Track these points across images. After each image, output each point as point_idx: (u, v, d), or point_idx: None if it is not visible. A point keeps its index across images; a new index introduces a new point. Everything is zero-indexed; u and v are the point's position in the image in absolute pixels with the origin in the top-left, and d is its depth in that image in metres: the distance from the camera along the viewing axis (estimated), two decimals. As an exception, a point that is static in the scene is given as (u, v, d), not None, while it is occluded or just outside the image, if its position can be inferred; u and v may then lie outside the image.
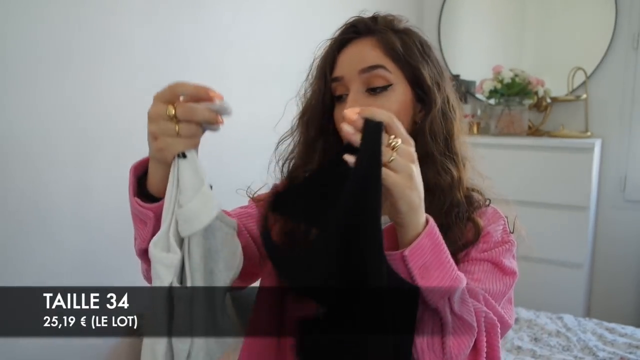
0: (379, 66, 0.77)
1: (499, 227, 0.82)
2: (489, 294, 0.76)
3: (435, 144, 0.79)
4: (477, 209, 0.82)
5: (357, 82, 0.77)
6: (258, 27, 1.74)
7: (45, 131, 1.14)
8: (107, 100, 1.27)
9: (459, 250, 0.77)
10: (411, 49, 0.79)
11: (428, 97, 0.80)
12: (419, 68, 0.79)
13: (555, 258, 2.21)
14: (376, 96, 0.77)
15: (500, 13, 2.77)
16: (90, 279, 1.27)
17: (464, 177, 0.82)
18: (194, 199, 0.59)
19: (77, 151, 1.22)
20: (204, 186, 0.60)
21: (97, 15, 1.23)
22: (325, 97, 0.81)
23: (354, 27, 0.81)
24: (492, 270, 0.78)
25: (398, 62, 0.78)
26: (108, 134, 1.28)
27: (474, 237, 0.78)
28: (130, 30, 1.31)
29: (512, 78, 2.40)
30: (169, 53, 1.43)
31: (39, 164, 1.14)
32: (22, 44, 1.08)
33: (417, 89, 0.80)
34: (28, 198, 1.13)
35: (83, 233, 1.25)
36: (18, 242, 1.11)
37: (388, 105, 0.76)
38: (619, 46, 2.43)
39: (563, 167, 2.22)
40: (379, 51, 0.78)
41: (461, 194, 0.80)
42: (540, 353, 1.57)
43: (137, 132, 1.35)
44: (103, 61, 1.25)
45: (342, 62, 0.80)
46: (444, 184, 0.78)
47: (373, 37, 0.79)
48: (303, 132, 0.85)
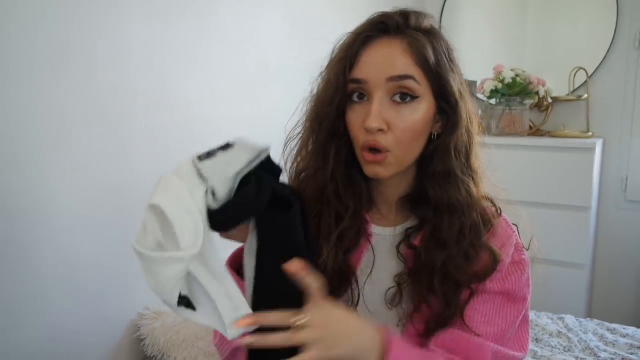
0: (409, 77, 0.71)
1: (510, 249, 0.79)
2: (501, 332, 0.75)
3: (458, 161, 0.76)
4: (490, 225, 0.79)
5: (382, 90, 0.72)
6: (258, 27, 1.73)
7: (44, 131, 1.14)
8: (107, 100, 1.27)
9: (474, 281, 0.75)
10: (441, 58, 0.74)
11: (454, 112, 0.75)
12: (448, 81, 0.74)
13: (556, 258, 2.20)
14: (401, 106, 0.72)
15: (501, 13, 2.76)
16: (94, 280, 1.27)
17: (480, 194, 0.79)
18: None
19: (78, 151, 1.21)
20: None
21: (96, 15, 1.23)
22: (341, 97, 0.75)
23: (382, 23, 0.74)
24: (503, 304, 0.76)
25: (428, 74, 0.73)
26: (108, 134, 1.28)
27: (490, 268, 0.75)
28: (130, 30, 1.31)
29: (513, 78, 2.39)
30: (169, 53, 1.42)
31: (39, 163, 1.14)
32: (22, 43, 1.08)
33: (442, 102, 0.75)
34: (28, 198, 1.12)
35: (85, 234, 1.24)
36: (18, 243, 1.11)
37: (411, 118, 0.72)
38: (620, 46, 2.42)
39: (564, 167, 2.22)
40: (409, 58, 0.72)
41: (477, 213, 0.77)
42: (541, 353, 1.57)
43: (137, 132, 1.35)
44: (103, 61, 1.25)
45: (366, 63, 0.73)
46: (464, 203, 0.76)
47: (404, 39, 0.73)
48: (314, 133, 0.80)
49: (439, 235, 0.75)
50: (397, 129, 0.72)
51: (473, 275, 0.75)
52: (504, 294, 0.77)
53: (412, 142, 0.75)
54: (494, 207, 0.82)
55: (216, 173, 0.60)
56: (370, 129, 0.72)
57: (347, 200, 0.78)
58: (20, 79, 1.09)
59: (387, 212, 0.83)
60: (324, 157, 0.78)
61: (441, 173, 0.76)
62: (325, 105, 0.77)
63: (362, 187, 0.80)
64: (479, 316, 0.75)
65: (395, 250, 0.80)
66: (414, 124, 0.73)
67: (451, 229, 0.75)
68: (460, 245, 0.74)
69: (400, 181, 0.80)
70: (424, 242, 0.77)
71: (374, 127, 0.71)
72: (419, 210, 0.79)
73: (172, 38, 1.43)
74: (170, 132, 1.44)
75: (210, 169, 0.60)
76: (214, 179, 0.59)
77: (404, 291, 0.77)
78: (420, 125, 0.74)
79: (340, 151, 0.78)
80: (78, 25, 1.19)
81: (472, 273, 0.75)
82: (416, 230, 0.79)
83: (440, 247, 0.75)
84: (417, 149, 0.76)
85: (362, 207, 0.80)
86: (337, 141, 0.77)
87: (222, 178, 0.60)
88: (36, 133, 1.13)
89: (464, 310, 0.75)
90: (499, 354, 0.73)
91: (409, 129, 0.73)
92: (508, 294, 0.77)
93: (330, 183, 0.78)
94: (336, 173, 0.78)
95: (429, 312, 0.76)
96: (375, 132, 0.72)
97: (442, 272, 0.74)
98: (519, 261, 0.79)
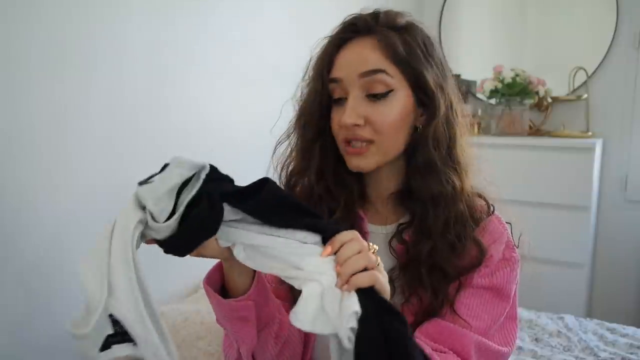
0: (380, 70, 0.74)
1: (501, 246, 0.80)
2: (486, 327, 0.76)
3: (438, 152, 0.77)
4: (479, 221, 0.80)
5: (356, 87, 0.75)
6: (258, 27, 1.73)
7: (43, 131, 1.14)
8: (106, 99, 1.27)
9: (462, 273, 0.76)
10: (414, 51, 0.76)
11: (431, 103, 0.77)
12: (422, 72, 0.76)
13: (556, 258, 2.20)
14: (376, 102, 0.75)
15: (501, 12, 2.76)
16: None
17: (466, 185, 0.80)
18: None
19: (77, 151, 1.21)
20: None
21: (96, 15, 1.22)
22: (322, 99, 0.78)
23: (353, 25, 0.78)
24: (490, 300, 0.78)
25: (400, 66, 0.75)
26: (108, 134, 1.28)
27: (477, 261, 0.77)
28: (130, 30, 1.31)
29: (513, 78, 2.39)
30: (168, 53, 1.42)
31: (37, 163, 1.14)
32: (21, 44, 1.08)
33: (420, 93, 0.77)
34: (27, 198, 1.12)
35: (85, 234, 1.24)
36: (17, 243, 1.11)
37: (388, 112, 0.74)
38: (620, 46, 2.42)
39: (564, 167, 2.22)
40: (379, 53, 0.75)
41: (464, 204, 0.78)
42: (541, 353, 1.57)
43: (136, 132, 1.35)
44: (102, 61, 1.25)
45: (341, 63, 0.76)
46: (447, 194, 0.77)
47: (374, 37, 0.76)
48: (300, 135, 0.83)
49: (424, 226, 0.77)
50: (376, 124, 0.75)
51: (461, 267, 0.76)
52: (492, 290, 0.78)
53: (393, 135, 0.77)
54: (486, 205, 0.83)
55: (150, 193, 0.58)
56: (346, 125, 0.74)
57: (338, 196, 0.80)
58: (19, 79, 1.09)
59: (382, 209, 0.85)
60: (311, 156, 0.81)
61: (423, 165, 0.78)
62: (309, 108, 0.80)
63: (352, 183, 0.82)
64: (466, 310, 0.76)
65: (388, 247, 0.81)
66: (393, 117, 0.75)
67: (436, 221, 0.76)
68: (446, 236, 0.76)
69: (392, 176, 0.82)
70: (413, 235, 0.79)
71: (349, 123, 0.74)
72: (409, 205, 0.80)
73: (172, 38, 1.43)
74: (169, 131, 1.44)
75: (145, 192, 0.59)
76: (148, 200, 0.58)
77: (396, 285, 0.78)
78: (398, 118, 0.76)
79: (326, 149, 0.80)
80: (77, 25, 1.19)
81: (460, 266, 0.76)
82: (408, 226, 0.80)
83: (426, 238, 0.77)
84: (399, 141, 0.78)
85: (354, 203, 0.82)
86: (322, 140, 0.80)
87: (154, 196, 0.58)
88: (35, 133, 1.13)
89: (454, 303, 0.76)
90: (482, 346, 0.74)
91: (386, 122, 0.75)
92: (496, 290, 0.78)
93: (319, 181, 0.80)
94: (324, 171, 0.80)
95: (418, 304, 0.77)
96: (352, 127, 0.75)
97: (429, 262, 0.76)
98: (509, 258, 0.80)
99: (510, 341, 0.80)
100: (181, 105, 1.48)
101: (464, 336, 0.74)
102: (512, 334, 0.81)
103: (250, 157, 1.41)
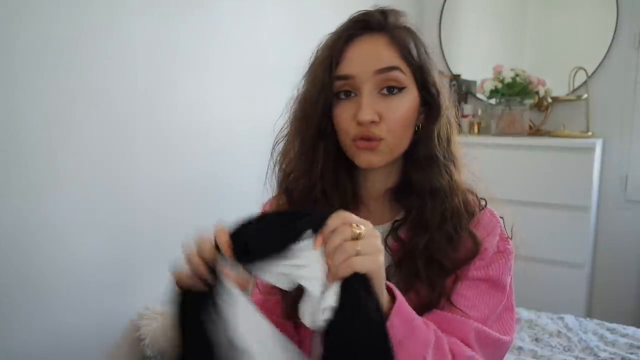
0: (395, 68, 0.74)
1: (495, 239, 0.80)
2: (484, 318, 0.76)
3: (441, 146, 0.79)
4: (473, 214, 0.81)
5: (370, 83, 0.74)
6: (258, 27, 1.73)
7: (46, 131, 1.14)
8: (108, 99, 1.27)
9: (458, 266, 0.77)
10: (422, 52, 0.77)
11: (435, 102, 0.78)
12: (430, 71, 0.77)
13: (556, 258, 2.20)
14: (390, 98, 0.75)
15: (501, 13, 2.76)
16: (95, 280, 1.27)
17: (461, 180, 0.81)
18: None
19: (79, 150, 1.21)
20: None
21: (96, 14, 1.23)
22: (327, 96, 0.76)
23: (363, 22, 0.76)
24: (487, 291, 0.78)
25: (411, 65, 0.76)
26: (110, 134, 1.28)
27: (473, 253, 0.77)
28: (130, 30, 1.31)
29: (512, 78, 2.39)
30: (170, 53, 1.42)
31: (40, 163, 1.14)
32: (24, 44, 1.08)
33: (424, 92, 0.78)
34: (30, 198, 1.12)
35: (85, 234, 1.24)
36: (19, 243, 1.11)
37: (400, 108, 0.75)
38: (620, 46, 2.42)
39: (564, 167, 2.22)
40: (393, 51, 0.75)
41: (459, 198, 0.79)
42: (541, 353, 1.57)
43: (138, 131, 1.35)
44: (104, 61, 1.25)
45: (352, 60, 0.75)
46: (445, 187, 0.78)
47: (385, 34, 0.75)
48: (301, 135, 0.81)
49: (421, 218, 0.78)
50: (389, 120, 0.75)
51: (457, 260, 0.77)
52: (488, 281, 0.78)
53: (404, 132, 0.77)
54: (477, 200, 0.84)
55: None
56: (364, 122, 0.73)
57: (333, 199, 0.80)
58: (22, 79, 1.09)
59: (375, 208, 0.84)
60: (313, 157, 0.79)
61: (424, 158, 0.79)
62: (311, 106, 0.78)
63: (346, 186, 0.82)
64: (463, 301, 0.76)
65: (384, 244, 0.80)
66: (405, 114, 0.76)
67: (434, 213, 0.77)
68: (443, 228, 0.77)
69: (390, 173, 0.82)
70: (408, 231, 0.79)
71: (367, 120, 0.73)
72: (405, 200, 0.81)
73: (173, 38, 1.43)
74: (170, 131, 1.44)
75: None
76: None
77: (392, 281, 0.78)
78: (409, 115, 0.76)
79: (329, 151, 0.79)
80: (79, 26, 1.19)
81: (456, 258, 0.77)
82: (403, 222, 0.80)
83: (423, 231, 0.77)
84: (406, 139, 0.79)
85: (348, 206, 0.81)
86: (325, 141, 0.79)
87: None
88: (38, 133, 1.13)
89: (450, 295, 0.77)
90: (481, 333, 0.74)
91: (400, 118, 0.75)
92: (492, 281, 0.79)
93: (319, 182, 0.80)
94: (325, 172, 0.80)
95: (416, 299, 0.77)
96: (368, 124, 0.74)
97: (426, 255, 0.76)
98: (503, 250, 0.80)
99: (509, 330, 0.80)
100: (181, 105, 1.48)
101: (464, 324, 0.74)
102: (510, 323, 0.81)
103: (250, 157, 1.41)
